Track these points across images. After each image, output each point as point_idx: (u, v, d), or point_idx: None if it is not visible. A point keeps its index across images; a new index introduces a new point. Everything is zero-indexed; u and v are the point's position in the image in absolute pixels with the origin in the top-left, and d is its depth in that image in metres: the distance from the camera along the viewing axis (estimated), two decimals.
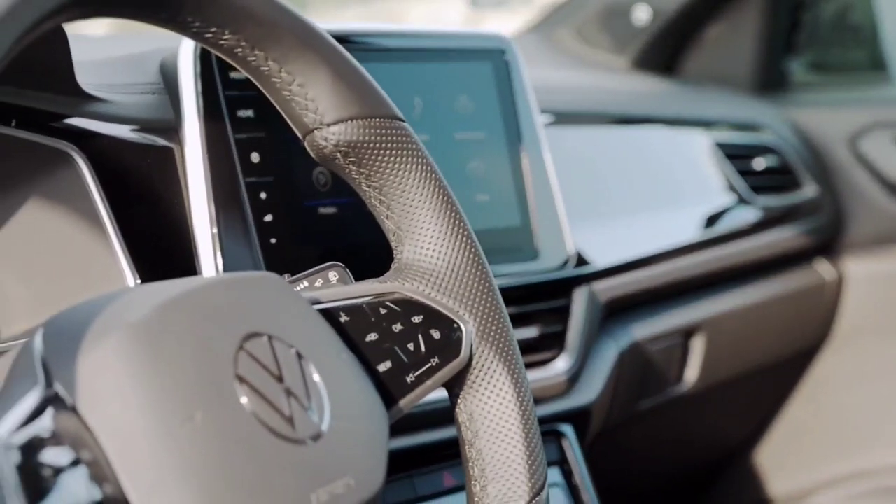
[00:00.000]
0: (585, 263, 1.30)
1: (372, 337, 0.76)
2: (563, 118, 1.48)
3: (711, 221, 1.66)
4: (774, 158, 1.86)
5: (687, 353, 1.57)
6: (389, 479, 0.71)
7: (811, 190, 1.90)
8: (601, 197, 1.47)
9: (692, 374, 1.58)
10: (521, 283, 1.19)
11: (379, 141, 0.77)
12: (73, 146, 0.91)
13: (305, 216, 1.01)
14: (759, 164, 1.83)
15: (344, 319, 0.75)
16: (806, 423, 1.96)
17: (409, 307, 0.78)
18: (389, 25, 1.21)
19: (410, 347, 0.77)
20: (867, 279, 1.94)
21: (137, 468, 0.60)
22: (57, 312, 0.66)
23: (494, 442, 0.79)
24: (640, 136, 1.67)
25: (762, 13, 2.04)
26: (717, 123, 1.85)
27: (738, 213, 1.71)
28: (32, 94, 0.89)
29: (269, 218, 0.98)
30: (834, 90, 2.18)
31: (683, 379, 1.58)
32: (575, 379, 1.26)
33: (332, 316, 0.74)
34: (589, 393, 1.29)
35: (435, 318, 0.78)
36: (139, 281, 0.91)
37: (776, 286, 1.78)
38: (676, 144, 1.72)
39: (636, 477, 1.74)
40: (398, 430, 0.75)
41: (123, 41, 1.35)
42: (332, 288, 0.79)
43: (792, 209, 1.84)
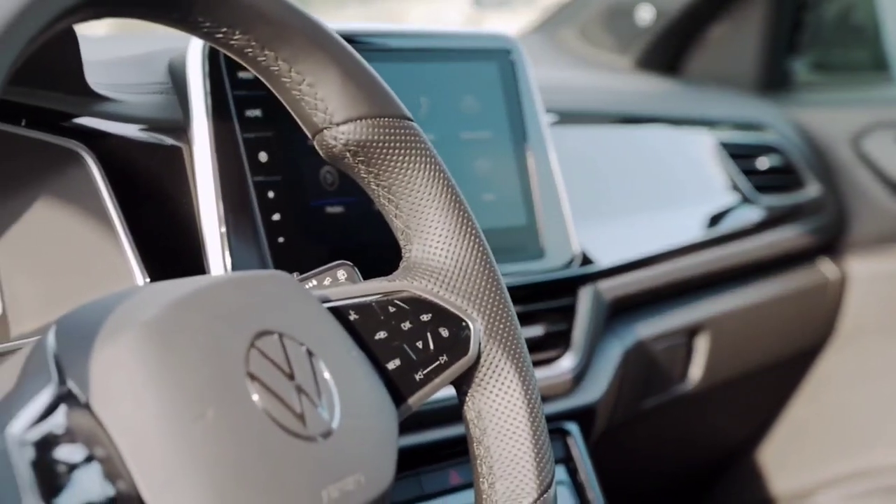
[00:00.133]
0: (590, 263, 1.30)
1: (381, 335, 0.76)
2: (566, 118, 1.48)
3: (715, 221, 1.66)
4: (778, 158, 1.87)
5: (691, 352, 1.57)
6: (396, 476, 0.71)
7: (814, 189, 1.90)
8: (605, 196, 1.47)
9: (696, 372, 1.58)
10: (526, 282, 1.19)
11: (388, 140, 0.78)
12: (82, 145, 0.92)
13: (313, 215, 1.02)
14: (762, 163, 1.83)
15: (353, 317, 0.75)
16: (809, 422, 1.96)
17: (417, 305, 0.78)
18: (396, 25, 1.21)
19: (419, 345, 0.77)
20: (870, 279, 1.94)
21: (150, 465, 0.60)
22: (67, 311, 0.66)
23: (502, 439, 0.80)
24: (643, 135, 1.67)
25: (765, 13, 2.04)
26: (720, 123, 1.85)
27: (741, 212, 1.71)
28: (42, 93, 0.90)
29: (276, 217, 0.99)
30: (837, 90, 2.19)
31: (687, 378, 1.58)
32: (580, 377, 1.26)
33: (341, 314, 0.74)
34: (594, 391, 1.29)
35: (443, 316, 0.79)
36: (148, 279, 0.92)
37: (779, 285, 1.78)
38: (680, 144, 1.73)
39: (640, 475, 1.74)
40: (405, 428, 0.75)
41: (131, 41, 1.35)
42: (340, 286, 0.79)
43: (795, 209, 1.84)
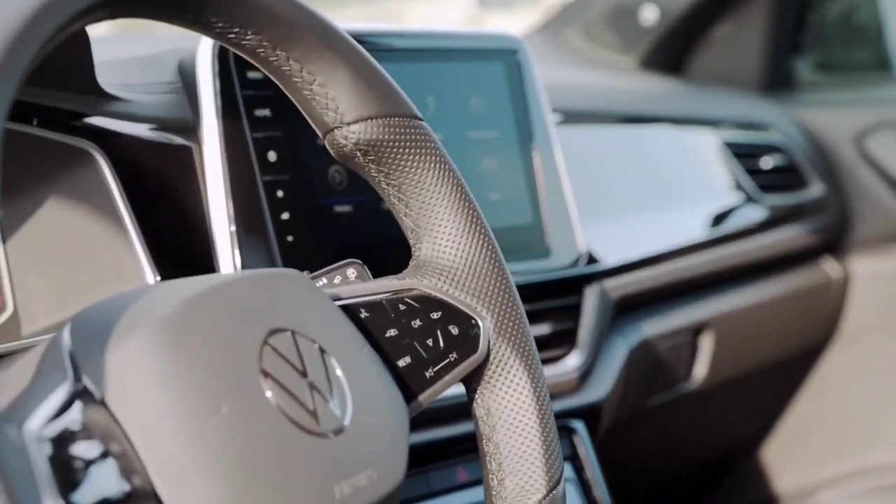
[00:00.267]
0: (596, 262, 1.30)
1: (392, 333, 0.76)
2: (571, 118, 1.49)
3: (719, 220, 1.66)
4: (781, 158, 1.87)
5: (695, 350, 1.58)
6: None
7: (817, 189, 1.91)
8: (610, 196, 1.47)
9: (700, 371, 1.59)
10: (532, 280, 1.19)
11: (398, 139, 0.78)
12: (93, 145, 0.92)
13: (322, 214, 1.02)
14: (766, 163, 1.84)
15: (364, 315, 0.76)
16: (812, 420, 1.97)
17: (427, 303, 0.79)
18: (403, 26, 1.21)
19: (429, 343, 0.77)
20: (873, 278, 1.95)
21: (165, 460, 0.60)
22: (77, 309, 0.67)
23: (511, 436, 0.80)
24: (648, 135, 1.67)
25: (769, 13, 2.05)
26: (724, 123, 1.86)
27: (745, 211, 1.72)
28: (54, 93, 0.90)
29: (286, 216, 0.99)
30: (840, 90, 2.19)
31: (692, 376, 1.58)
32: (586, 376, 1.27)
33: (352, 312, 0.75)
34: (600, 389, 1.29)
35: (453, 314, 0.79)
36: (158, 278, 0.92)
37: (783, 284, 1.79)
38: (684, 143, 1.73)
39: (644, 473, 1.74)
40: (413, 425, 0.75)
41: (140, 41, 1.36)
42: (351, 284, 0.79)
43: (799, 208, 1.84)
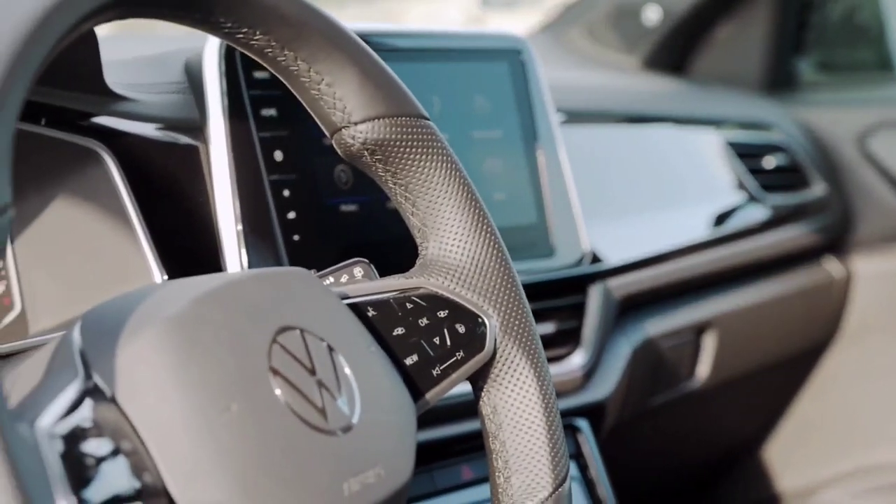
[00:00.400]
0: (600, 261, 1.31)
1: (399, 331, 0.77)
2: (574, 117, 1.49)
3: (722, 219, 1.66)
4: (784, 157, 1.87)
5: (698, 349, 1.58)
6: None
7: (820, 188, 1.91)
8: (613, 195, 1.48)
9: (703, 370, 1.59)
10: (537, 279, 1.20)
11: (405, 139, 0.79)
12: (101, 144, 0.93)
13: (328, 213, 1.03)
14: (768, 162, 1.84)
15: (371, 314, 0.76)
16: (814, 419, 1.97)
17: (434, 302, 0.79)
18: (408, 26, 1.22)
19: (436, 341, 0.78)
20: (875, 277, 1.95)
21: (175, 458, 0.61)
22: (85, 308, 0.67)
23: (518, 434, 0.80)
24: (651, 135, 1.68)
25: (771, 14, 2.05)
26: (726, 123, 1.86)
27: (748, 211, 1.72)
28: (62, 93, 0.90)
29: (292, 215, 1.00)
30: (842, 90, 2.19)
31: (695, 375, 1.59)
32: (590, 374, 1.27)
33: (360, 310, 0.75)
34: (604, 388, 1.30)
35: (460, 312, 0.79)
36: (165, 277, 0.92)
37: (785, 284, 1.79)
38: (687, 143, 1.73)
39: (648, 471, 1.75)
40: (419, 423, 0.76)
41: (147, 41, 1.36)
42: (358, 283, 0.80)
43: (801, 207, 1.84)
